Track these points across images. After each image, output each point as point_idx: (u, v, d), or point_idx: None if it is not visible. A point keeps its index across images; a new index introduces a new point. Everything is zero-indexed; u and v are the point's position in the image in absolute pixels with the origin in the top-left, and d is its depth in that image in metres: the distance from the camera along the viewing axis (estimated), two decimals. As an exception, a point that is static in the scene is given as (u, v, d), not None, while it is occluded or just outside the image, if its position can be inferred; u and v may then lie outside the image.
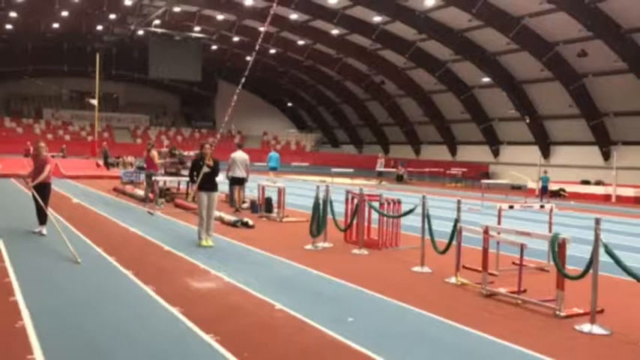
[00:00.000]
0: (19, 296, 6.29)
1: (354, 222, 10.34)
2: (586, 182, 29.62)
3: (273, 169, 24.65)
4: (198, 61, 45.70)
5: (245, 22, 41.46)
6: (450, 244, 8.06)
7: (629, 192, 26.47)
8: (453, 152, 44.95)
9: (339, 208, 11.38)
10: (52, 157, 11.92)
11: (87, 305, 6.12)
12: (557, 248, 6.21)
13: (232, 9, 38.53)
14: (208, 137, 55.82)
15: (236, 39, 45.01)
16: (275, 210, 15.23)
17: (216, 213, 13.66)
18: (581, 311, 6.29)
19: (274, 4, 20.49)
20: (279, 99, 62.07)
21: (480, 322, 5.99)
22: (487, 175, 37.72)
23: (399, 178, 35.97)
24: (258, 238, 11.17)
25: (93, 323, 5.49)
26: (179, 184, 19.06)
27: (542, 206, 9.18)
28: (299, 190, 23.09)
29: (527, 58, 33.13)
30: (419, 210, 8.91)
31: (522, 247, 6.97)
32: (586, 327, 5.86)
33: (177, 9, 39.35)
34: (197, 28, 43.04)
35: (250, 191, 17.43)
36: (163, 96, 61.41)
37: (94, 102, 37.50)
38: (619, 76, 30.28)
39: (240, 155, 16.54)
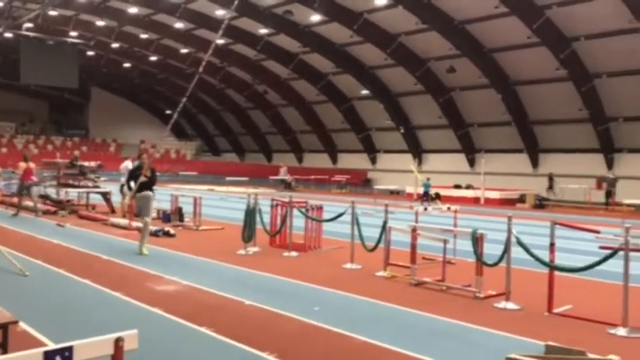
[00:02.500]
0: (-4, 306, 6.48)
1: (283, 227, 11.24)
2: (458, 186, 32.68)
3: None
4: (74, 67, 43.88)
5: (125, 29, 40.65)
6: (378, 242, 9.25)
7: (495, 195, 29.76)
8: (334, 160, 47.07)
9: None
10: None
11: (74, 310, 6.52)
12: (476, 241, 7.58)
13: (113, 15, 37.67)
14: (81, 146, 53.61)
15: (115, 45, 43.86)
16: (187, 219, 15.72)
17: (133, 224, 13.98)
18: (494, 293, 7.71)
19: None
20: (158, 106, 60.97)
21: (416, 304, 7.20)
22: (369, 182, 40.06)
23: (288, 186, 37.18)
24: (186, 245, 11.68)
25: (92, 325, 5.93)
26: (81, 196, 18.73)
27: (448, 208, 10.71)
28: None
29: (402, 73, 35.82)
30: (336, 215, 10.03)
31: (445, 242, 8.31)
32: (502, 304, 7.27)
33: (53, 12, 37.64)
34: (73, 33, 41.40)
35: (158, 202, 17.63)
36: (30, 102, 57.76)
37: None
38: (482, 90, 33.78)
39: (124, 164, 16.92)
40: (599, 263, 6.51)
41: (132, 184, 10.64)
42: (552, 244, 7.02)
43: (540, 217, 21.03)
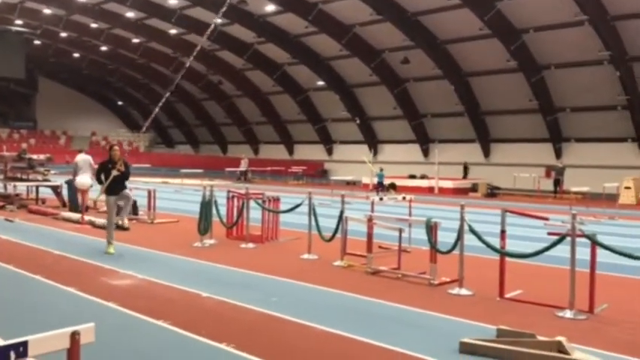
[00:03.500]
0: (-58, 305, 6.28)
1: (240, 219, 11.20)
2: (412, 176, 33.16)
3: None
4: (20, 56, 42.50)
5: (74, 17, 39.48)
6: (335, 232, 9.33)
7: (449, 184, 30.36)
8: (291, 151, 47.05)
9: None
10: None
11: (25, 307, 6.36)
12: (430, 230, 7.74)
13: (60, 3, 36.53)
14: (29, 138, 51.90)
15: (63, 34, 42.60)
16: (141, 212, 15.46)
17: (86, 217, 13.70)
18: (448, 280, 7.90)
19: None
20: (108, 97, 59.61)
21: (373, 292, 7.31)
22: (325, 173, 40.19)
23: (245, 177, 36.97)
24: (140, 239, 11.51)
25: (45, 322, 5.80)
26: (29, 190, 18.19)
27: (403, 197, 10.88)
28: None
29: (358, 64, 36.02)
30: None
31: (400, 231, 8.44)
32: (455, 290, 7.45)
33: (-4, 0, 36.26)
34: (19, 22, 39.99)
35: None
36: (-27, 93, 55.65)
37: None
38: (435, 81, 34.29)
39: (83, 158, 16.38)
40: (547, 249, 6.75)
41: (102, 177, 10.04)
42: (503, 232, 7.23)
43: (492, 205, 21.56)
